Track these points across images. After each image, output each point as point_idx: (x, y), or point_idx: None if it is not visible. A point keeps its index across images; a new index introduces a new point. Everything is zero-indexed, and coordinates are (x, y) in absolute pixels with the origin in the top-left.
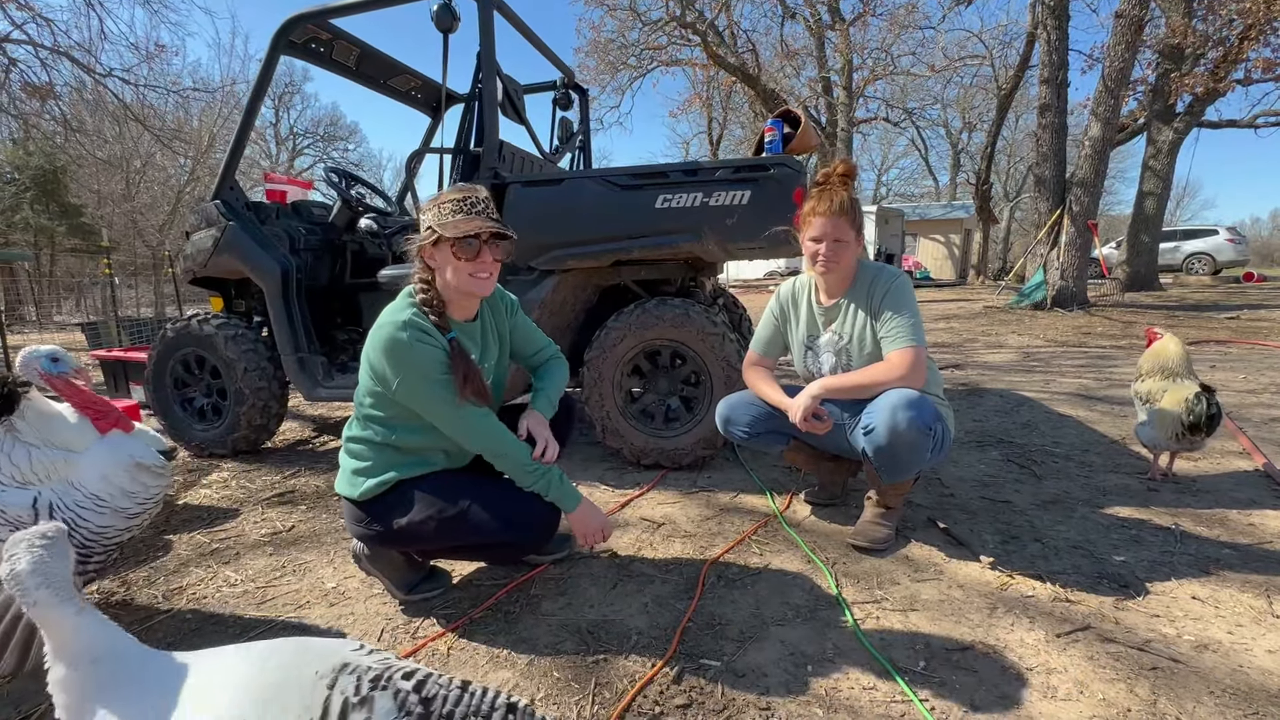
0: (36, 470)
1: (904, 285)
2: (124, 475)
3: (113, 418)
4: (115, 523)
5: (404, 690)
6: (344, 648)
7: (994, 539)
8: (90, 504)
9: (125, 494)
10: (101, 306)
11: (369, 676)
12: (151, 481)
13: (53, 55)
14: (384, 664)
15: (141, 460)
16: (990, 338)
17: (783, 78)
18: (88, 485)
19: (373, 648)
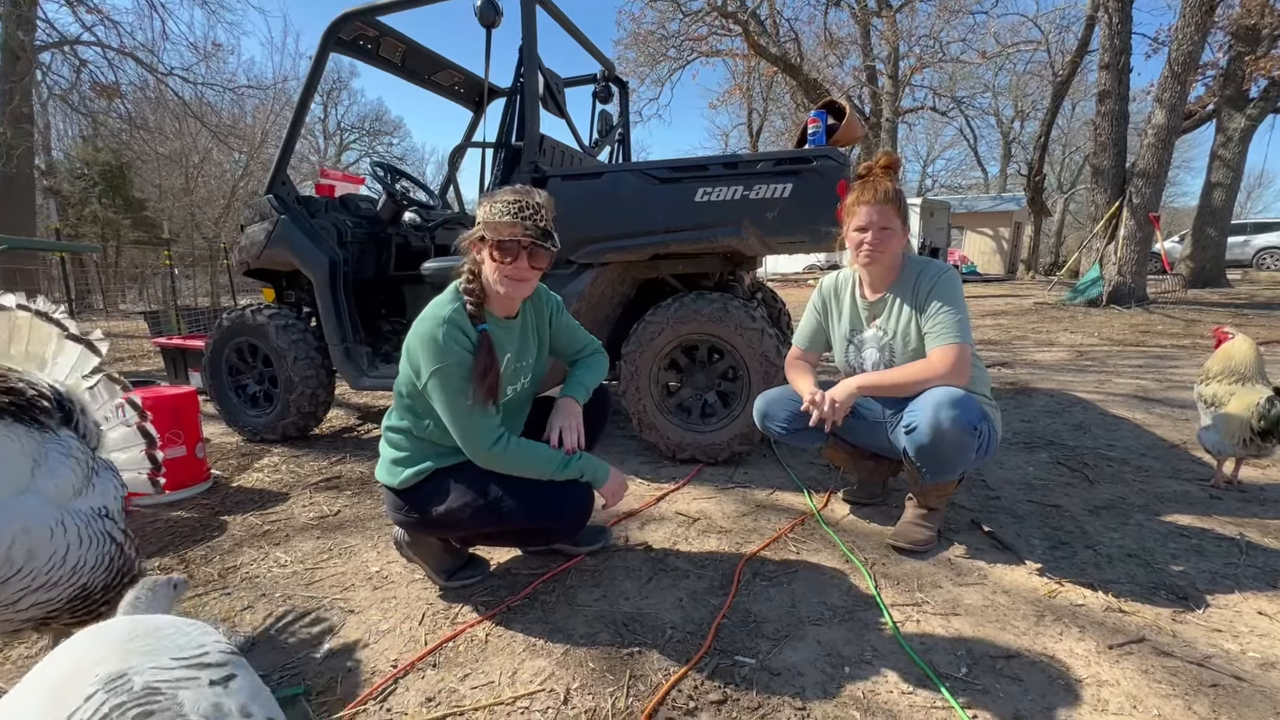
0: None
1: (952, 280)
2: None
3: None
4: None
5: None
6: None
7: (1042, 544)
8: None
9: None
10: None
11: (122, 701)
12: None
13: (119, 56)
14: (173, 682)
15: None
16: (1040, 335)
17: (825, 67)
18: None
19: (224, 643)
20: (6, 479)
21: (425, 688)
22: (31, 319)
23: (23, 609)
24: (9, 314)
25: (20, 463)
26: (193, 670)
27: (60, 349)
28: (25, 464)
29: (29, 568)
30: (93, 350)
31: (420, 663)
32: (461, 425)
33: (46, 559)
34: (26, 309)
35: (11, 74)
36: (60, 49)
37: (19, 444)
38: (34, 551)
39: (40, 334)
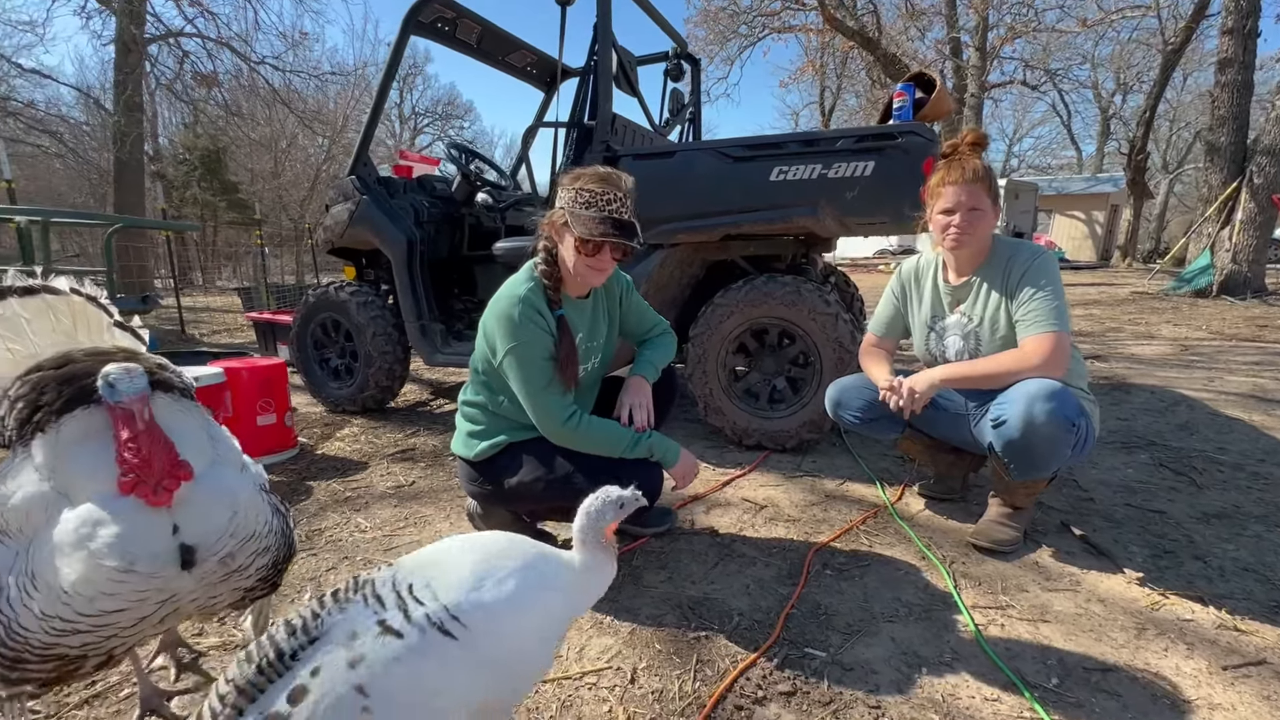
0: (10, 518)
1: (1047, 263)
2: (77, 560)
3: (149, 481)
4: (66, 615)
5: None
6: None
7: (1143, 552)
8: (26, 584)
9: (79, 583)
10: (253, 273)
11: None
12: (112, 586)
13: (217, 46)
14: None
15: (100, 555)
16: (1139, 327)
17: (905, 41)
18: (34, 559)
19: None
20: (201, 451)
21: None
22: (85, 304)
23: (249, 575)
24: (67, 298)
25: (202, 435)
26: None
27: (114, 336)
28: (205, 436)
29: (253, 527)
30: (139, 339)
31: None
32: (535, 402)
33: (264, 521)
34: (79, 293)
35: (124, 66)
36: (165, 41)
37: (193, 417)
38: (255, 514)
39: (96, 320)
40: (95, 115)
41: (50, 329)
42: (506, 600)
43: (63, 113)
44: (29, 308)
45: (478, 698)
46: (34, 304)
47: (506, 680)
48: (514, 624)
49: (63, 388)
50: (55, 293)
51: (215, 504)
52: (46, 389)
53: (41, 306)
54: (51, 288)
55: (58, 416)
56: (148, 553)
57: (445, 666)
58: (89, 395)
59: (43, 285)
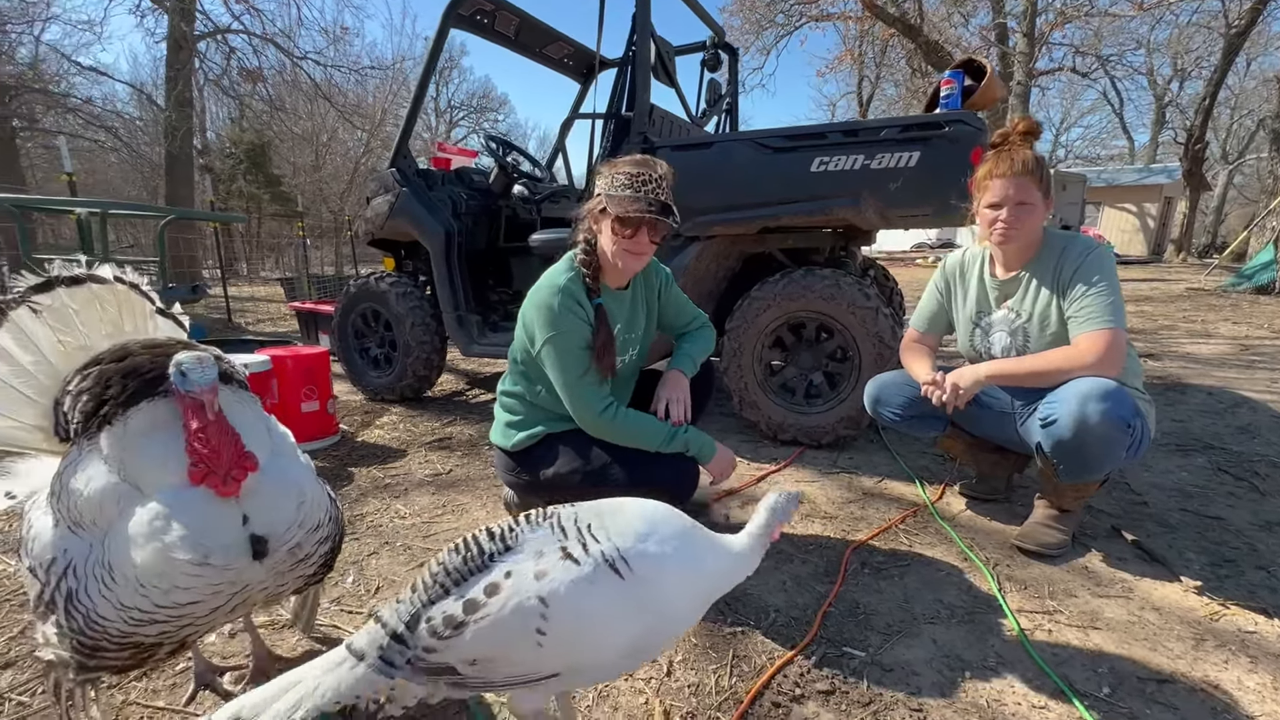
0: (83, 510)
1: (1102, 258)
2: (151, 553)
3: (218, 472)
4: (144, 606)
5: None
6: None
7: (1200, 560)
8: (104, 575)
9: (155, 576)
10: (295, 264)
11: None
12: (187, 579)
13: (262, 42)
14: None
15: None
16: (1194, 325)
17: (948, 28)
18: (111, 551)
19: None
20: (262, 442)
21: None
22: (129, 292)
23: (313, 561)
24: (111, 287)
25: (261, 426)
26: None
27: (156, 325)
28: (264, 428)
29: (317, 517)
30: (180, 326)
31: None
32: (572, 393)
33: (325, 510)
34: (123, 281)
35: (175, 62)
36: (213, 38)
37: (252, 408)
38: (318, 503)
39: (140, 309)
40: (148, 111)
41: (98, 319)
42: (667, 558)
43: (118, 109)
44: (76, 298)
45: (628, 638)
46: (81, 294)
47: (655, 629)
48: (671, 580)
49: (127, 380)
50: (101, 281)
51: (282, 494)
52: (111, 382)
53: (88, 296)
54: (97, 276)
55: (124, 409)
56: (220, 545)
57: (609, 600)
58: (153, 388)
59: (88, 274)
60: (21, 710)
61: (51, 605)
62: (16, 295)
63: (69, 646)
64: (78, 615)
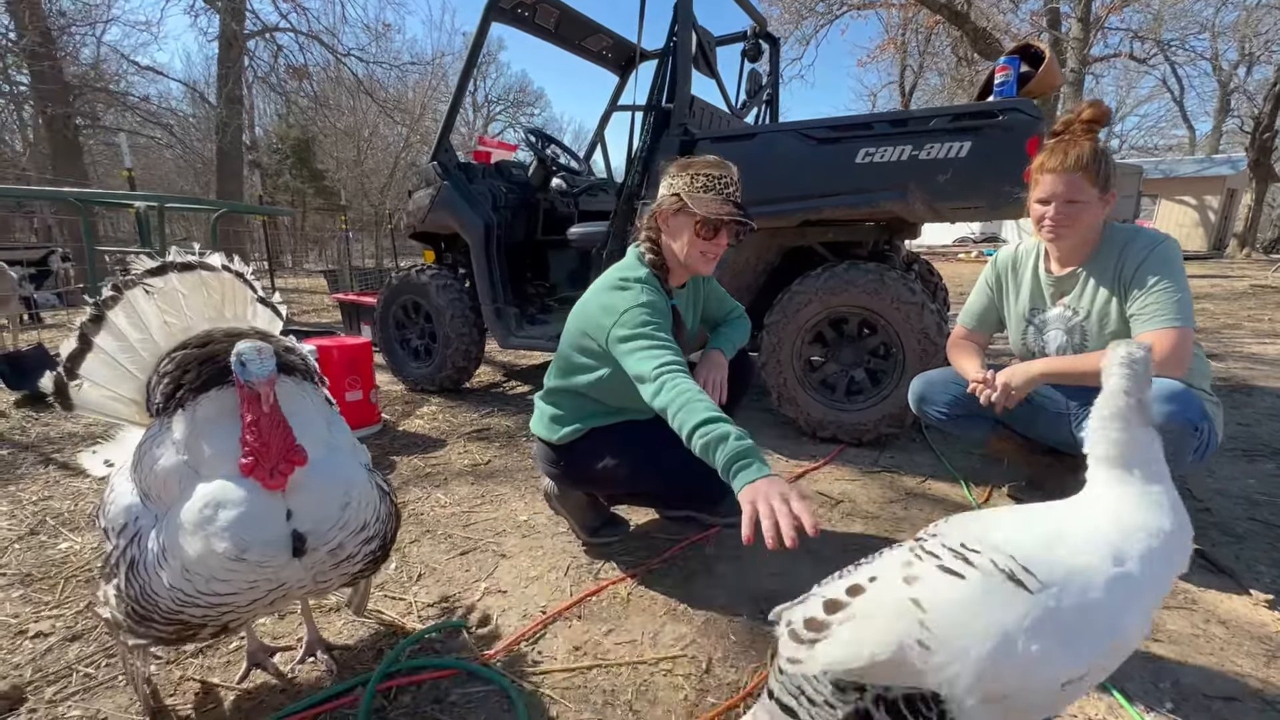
0: (151, 484)
1: (1168, 252)
2: (197, 540)
3: (265, 465)
4: (187, 590)
5: None
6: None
7: (1271, 572)
8: (160, 553)
9: (197, 563)
10: (337, 257)
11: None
12: (225, 571)
13: (307, 39)
14: None
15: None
16: (1260, 324)
17: (996, 14)
18: (166, 530)
19: None
20: (318, 437)
21: (572, 636)
22: (234, 280)
23: (357, 561)
24: (218, 274)
25: (320, 420)
26: None
27: (255, 312)
28: (323, 421)
29: (364, 517)
30: (277, 314)
31: (567, 612)
32: (649, 345)
33: (374, 510)
34: (230, 269)
35: (226, 60)
36: (262, 36)
37: (313, 401)
38: (366, 504)
39: (241, 296)
40: (200, 108)
41: (202, 303)
42: (1092, 564)
43: (172, 106)
44: (186, 283)
45: (1061, 664)
46: (190, 279)
47: (1089, 648)
48: (1105, 588)
49: (203, 367)
50: (210, 269)
51: (329, 493)
52: (190, 367)
53: (196, 282)
54: (207, 264)
55: (195, 395)
56: (260, 539)
57: (1012, 613)
58: (225, 375)
59: (200, 261)
60: (87, 682)
61: (115, 569)
62: (134, 276)
63: (124, 611)
64: (135, 584)
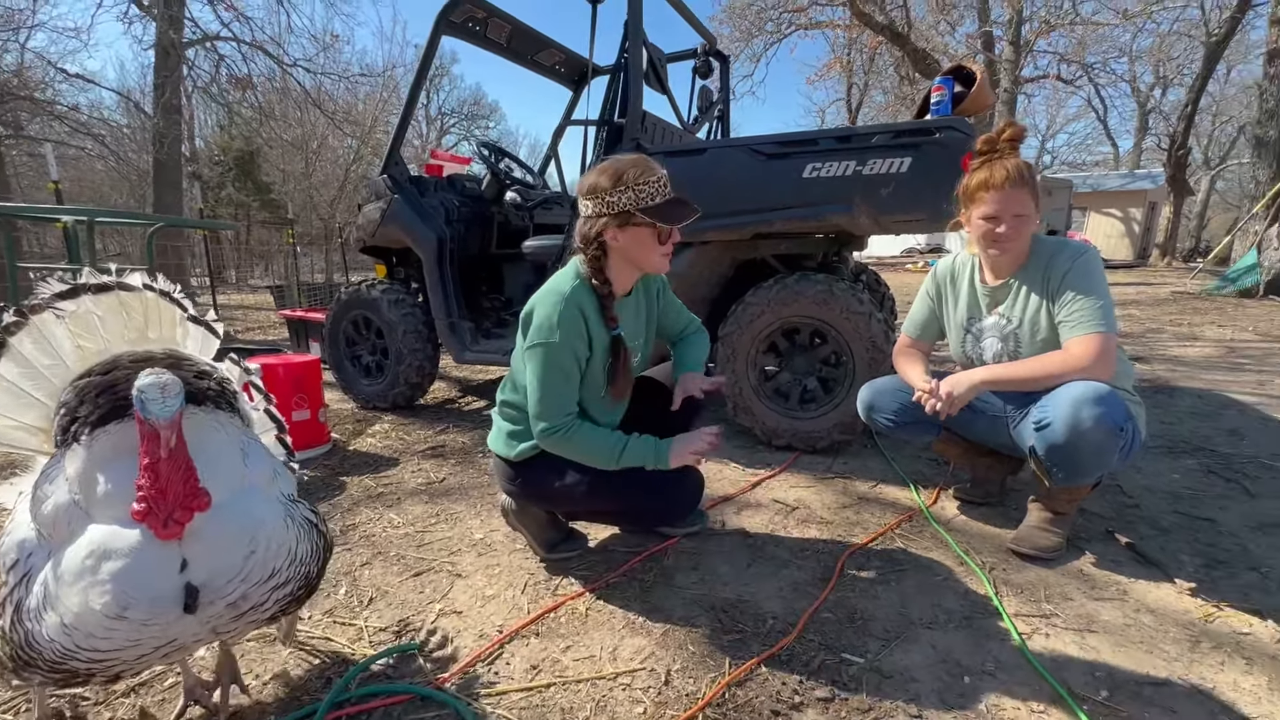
0: (42, 522)
1: (1091, 262)
2: (76, 592)
3: (160, 512)
4: (65, 644)
5: None
6: None
7: (1193, 562)
8: (42, 598)
9: (75, 618)
10: (285, 272)
11: None
12: (105, 629)
13: (251, 49)
14: None
15: (96, 591)
16: (1181, 328)
17: (935, 35)
18: (49, 576)
19: None
20: (230, 474)
21: (529, 655)
22: (158, 300)
23: (268, 609)
24: (139, 294)
25: (235, 454)
26: None
27: (186, 332)
28: (239, 455)
29: (273, 565)
30: (213, 333)
31: (524, 630)
32: (541, 403)
33: (287, 555)
34: (152, 289)
35: (163, 69)
36: (202, 45)
37: (227, 433)
38: (277, 549)
39: (168, 316)
40: (135, 118)
41: (122, 325)
42: None
43: (104, 116)
44: (102, 304)
45: None
46: (108, 301)
47: None
48: None
49: (101, 398)
50: (129, 289)
51: (232, 541)
52: (87, 398)
53: (114, 303)
54: (125, 284)
55: (92, 430)
56: (146, 595)
57: None
58: (128, 407)
59: (117, 282)
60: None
61: (2, 608)
62: (42, 300)
63: (7, 654)
64: (19, 630)
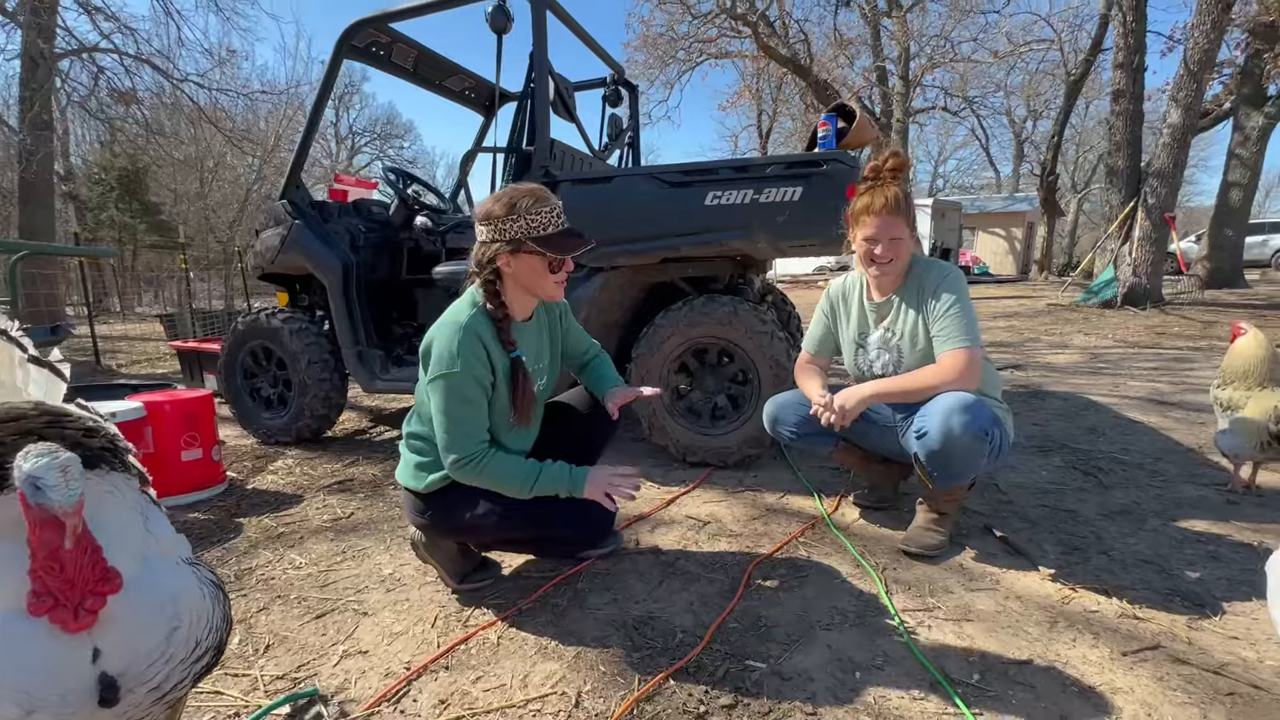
0: None
1: (956, 281)
2: None
3: (69, 604)
4: None
5: None
6: None
7: (1055, 550)
8: None
9: None
10: (177, 299)
11: None
12: None
13: (136, 62)
14: None
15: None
16: (1054, 337)
17: (835, 68)
18: None
19: None
20: (135, 544)
21: (438, 690)
22: None
23: (185, 686)
24: None
25: (136, 521)
26: None
27: (27, 375)
28: (140, 521)
29: (196, 638)
30: (58, 375)
31: (433, 665)
32: (449, 435)
33: (207, 624)
34: None
35: (32, 81)
36: (79, 56)
37: (125, 498)
38: (198, 620)
39: (4, 357)
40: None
41: None
42: None
43: None
44: None
45: None
46: None
47: None
48: None
49: None
50: None
51: (151, 619)
52: None
53: None
54: None
55: None
56: (54, 694)
57: None
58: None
59: None
60: None
61: None
62: None
63: None
64: None
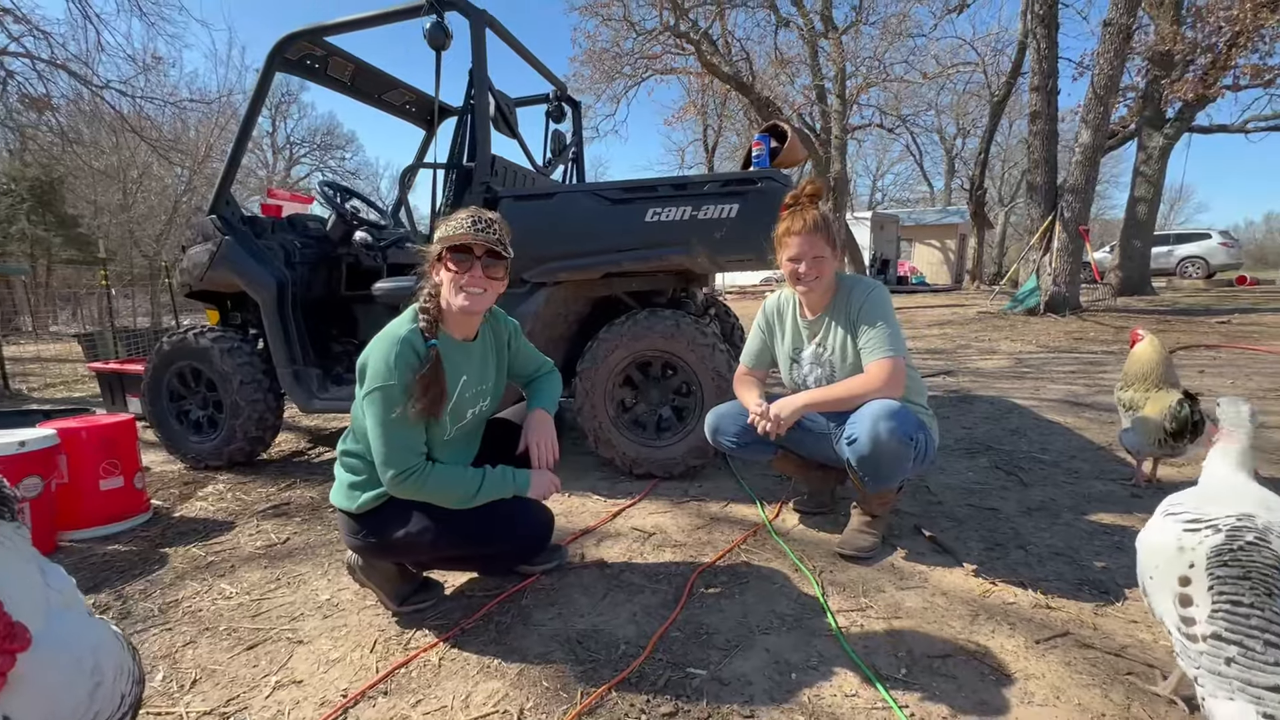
0: None
1: (880, 296)
2: None
3: None
4: None
5: None
6: None
7: (979, 546)
8: None
9: None
10: (98, 317)
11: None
12: None
13: (50, 68)
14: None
15: None
16: (983, 344)
17: (777, 85)
18: None
19: None
20: (37, 598)
21: (376, 716)
22: None
23: None
24: None
25: (34, 572)
26: None
27: None
28: (37, 572)
29: (121, 691)
30: None
31: (371, 691)
32: (387, 449)
33: (129, 675)
34: None
35: None
36: None
37: (16, 547)
38: (119, 671)
39: None
40: None
41: None
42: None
43: None
44: None
45: None
46: None
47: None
48: None
49: None
50: None
51: (68, 677)
52: None
53: None
54: None
55: None
56: None
57: None
58: None
59: None
60: None
61: None
62: None
63: None
64: None
